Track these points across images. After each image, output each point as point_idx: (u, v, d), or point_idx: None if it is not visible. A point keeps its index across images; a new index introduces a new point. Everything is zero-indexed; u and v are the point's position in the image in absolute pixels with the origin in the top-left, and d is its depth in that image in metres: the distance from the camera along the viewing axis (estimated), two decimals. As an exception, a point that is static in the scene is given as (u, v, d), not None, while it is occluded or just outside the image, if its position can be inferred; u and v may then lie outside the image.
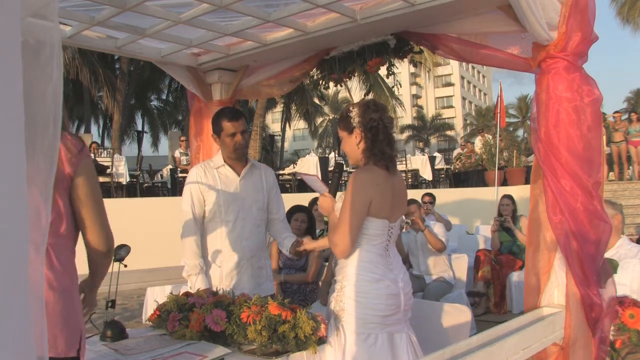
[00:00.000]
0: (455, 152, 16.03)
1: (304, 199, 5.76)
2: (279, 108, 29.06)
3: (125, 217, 8.52)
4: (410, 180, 13.37)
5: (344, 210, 2.20)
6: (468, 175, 13.61)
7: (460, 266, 5.41)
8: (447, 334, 2.61)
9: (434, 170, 14.52)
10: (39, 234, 0.64)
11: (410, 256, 5.34)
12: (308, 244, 2.79)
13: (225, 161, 2.89)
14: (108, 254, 1.68)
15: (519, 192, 9.31)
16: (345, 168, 11.27)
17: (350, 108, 2.31)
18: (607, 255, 2.76)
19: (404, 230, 5.14)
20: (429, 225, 5.30)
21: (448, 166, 15.59)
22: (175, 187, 11.45)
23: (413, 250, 5.30)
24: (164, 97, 27.31)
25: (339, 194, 2.40)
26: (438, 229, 5.25)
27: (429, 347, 2.32)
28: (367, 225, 2.22)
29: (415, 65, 4.50)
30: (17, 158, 0.51)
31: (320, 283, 4.45)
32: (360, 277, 2.21)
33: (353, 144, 2.30)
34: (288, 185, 12.18)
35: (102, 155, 10.60)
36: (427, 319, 2.65)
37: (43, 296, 0.65)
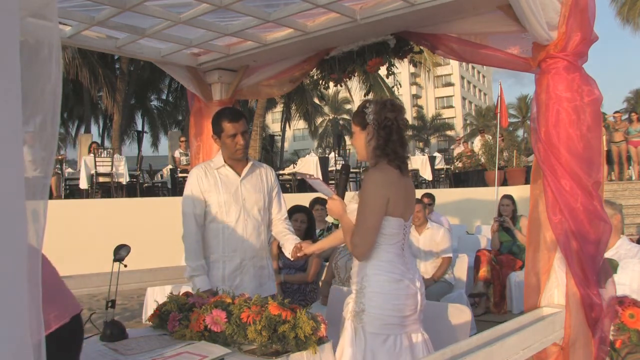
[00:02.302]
0: (455, 151, 16.04)
1: (304, 199, 5.76)
2: (279, 108, 29.06)
3: (125, 217, 8.53)
4: (410, 180, 13.32)
5: (361, 211, 2.19)
6: (468, 175, 13.62)
7: (460, 266, 5.41)
8: (447, 334, 2.61)
9: (433, 170, 14.52)
10: (38, 228, 0.64)
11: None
12: (307, 248, 2.80)
13: (225, 162, 2.88)
14: None
15: (519, 192, 9.31)
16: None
17: (367, 104, 2.31)
18: (607, 255, 2.76)
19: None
20: (431, 226, 5.32)
21: (448, 166, 15.60)
22: (175, 187, 11.45)
23: (414, 252, 5.31)
24: (164, 97, 27.31)
25: (349, 194, 2.40)
26: (443, 234, 5.26)
27: (429, 347, 2.33)
28: (385, 224, 2.21)
29: (415, 65, 4.50)
30: (15, 156, 0.51)
31: (320, 283, 4.45)
32: (380, 277, 2.20)
33: (363, 140, 2.30)
34: (288, 185, 12.18)
35: (102, 155, 10.59)
36: (427, 319, 2.64)
37: (40, 287, 0.65)
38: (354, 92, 23.11)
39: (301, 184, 12.10)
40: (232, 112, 2.89)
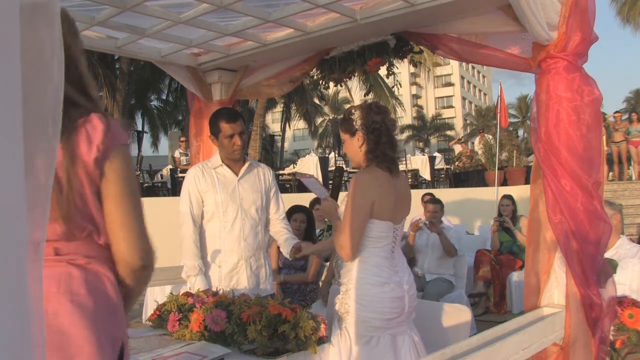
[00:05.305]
0: (455, 150, 16.06)
1: (304, 199, 5.76)
2: (279, 108, 29.05)
3: (125, 217, 8.50)
4: (410, 180, 13.37)
5: (347, 212, 2.20)
6: (468, 175, 13.59)
7: (460, 266, 5.41)
8: (447, 334, 2.61)
9: (433, 170, 14.51)
10: (38, 236, 0.63)
11: (418, 254, 5.33)
12: (306, 249, 2.79)
13: (223, 161, 2.89)
14: (143, 270, 1.24)
15: (519, 192, 9.30)
16: (345, 168, 11.28)
17: (352, 110, 2.31)
18: (607, 255, 2.76)
19: (421, 227, 5.17)
20: (445, 227, 5.31)
21: (448, 166, 15.59)
22: (175, 187, 11.45)
23: (422, 249, 5.30)
24: (164, 97, 27.26)
25: (341, 195, 2.40)
26: (451, 235, 5.26)
27: (428, 347, 2.33)
28: (371, 227, 2.21)
29: (415, 65, 4.50)
30: (15, 159, 0.51)
31: (320, 283, 4.45)
32: (365, 280, 2.21)
33: (355, 147, 2.30)
34: (288, 185, 12.18)
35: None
36: (427, 319, 2.64)
37: (41, 302, 0.64)
38: (354, 92, 23.09)
39: (301, 184, 12.08)
40: (229, 112, 2.88)
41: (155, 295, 4.77)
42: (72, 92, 1.17)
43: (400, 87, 7.38)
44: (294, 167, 13.18)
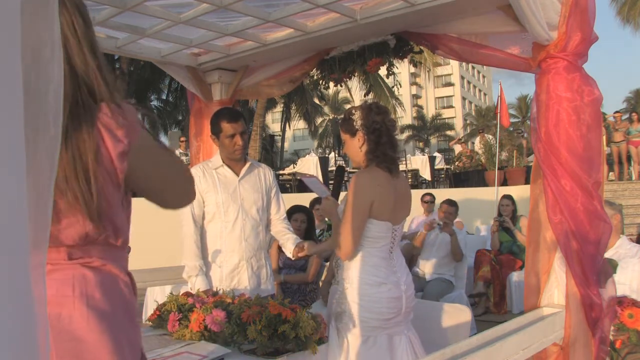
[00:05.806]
0: (455, 150, 16.08)
1: (304, 199, 5.75)
2: (279, 108, 29.04)
3: (125, 217, 8.49)
4: (410, 180, 13.37)
5: (346, 212, 2.20)
6: (468, 175, 13.60)
7: (460, 266, 5.41)
8: (447, 334, 2.61)
9: (433, 170, 14.52)
10: (40, 237, 0.63)
11: (423, 252, 5.32)
12: (310, 248, 2.80)
13: (224, 162, 2.88)
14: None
15: (519, 192, 9.30)
16: (346, 168, 11.29)
17: (353, 111, 2.32)
18: (607, 255, 2.76)
19: (434, 227, 5.18)
20: (456, 231, 5.31)
21: (448, 166, 15.60)
22: (175, 187, 11.43)
23: (428, 247, 5.29)
24: (164, 97, 27.25)
25: (342, 194, 2.41)
26: (460, 238, 5.26)
27: (428, 347, 2.33)
28: (369, 227, 2.22)
29: (415, 65, 4.50)
30: (16, 160, 0.51)
31: (320, 283, 4.45)
32: (363, 280, 2.21)
33: (356, 147, 2.30)
34: (288, 185, 12.18)
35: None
36: (427, 319, 2.65)
37: (45, 304, 0.64)
38: (354, 92, 23.08)
39: (301, 184, 12.09)
40: (230, 112, 2.88)
41: (155, 295, 4.76)
42: (92, 82, 1.11)
43: (400, 87, 7.41)
44: (294, 167, 13.18)
